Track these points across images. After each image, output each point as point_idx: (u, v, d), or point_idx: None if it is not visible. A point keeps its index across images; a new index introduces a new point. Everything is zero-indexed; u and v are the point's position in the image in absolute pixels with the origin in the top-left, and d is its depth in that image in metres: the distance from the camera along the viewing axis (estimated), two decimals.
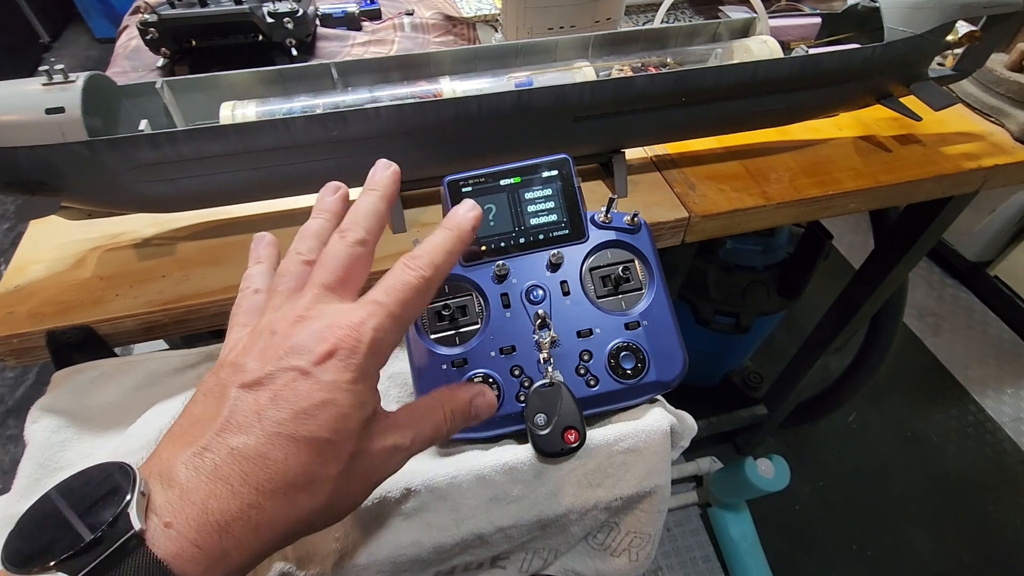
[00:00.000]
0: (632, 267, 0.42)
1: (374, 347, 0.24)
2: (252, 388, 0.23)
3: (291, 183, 0.46)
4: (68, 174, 0.40)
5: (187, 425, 0.23)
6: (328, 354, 0.23)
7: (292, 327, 0.24)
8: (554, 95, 0.44)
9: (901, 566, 1.22)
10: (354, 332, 0.24)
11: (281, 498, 0.22)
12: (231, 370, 0.24)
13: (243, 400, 0.23)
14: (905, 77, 0.55)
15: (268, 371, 0.23)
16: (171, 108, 0.46)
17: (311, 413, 0.23)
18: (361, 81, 0.49)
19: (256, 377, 0.23)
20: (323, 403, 0.23)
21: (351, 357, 0.24)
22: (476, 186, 0.41)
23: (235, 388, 0.23)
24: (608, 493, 0.39)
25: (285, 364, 0.23)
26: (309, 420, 0.22)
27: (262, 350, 0.24)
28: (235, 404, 0.23)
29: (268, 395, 0.23)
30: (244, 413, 0.22)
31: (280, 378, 0.23)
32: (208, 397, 0.24)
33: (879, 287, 0.89)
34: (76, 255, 0.48)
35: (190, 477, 0.21)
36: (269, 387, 0.23)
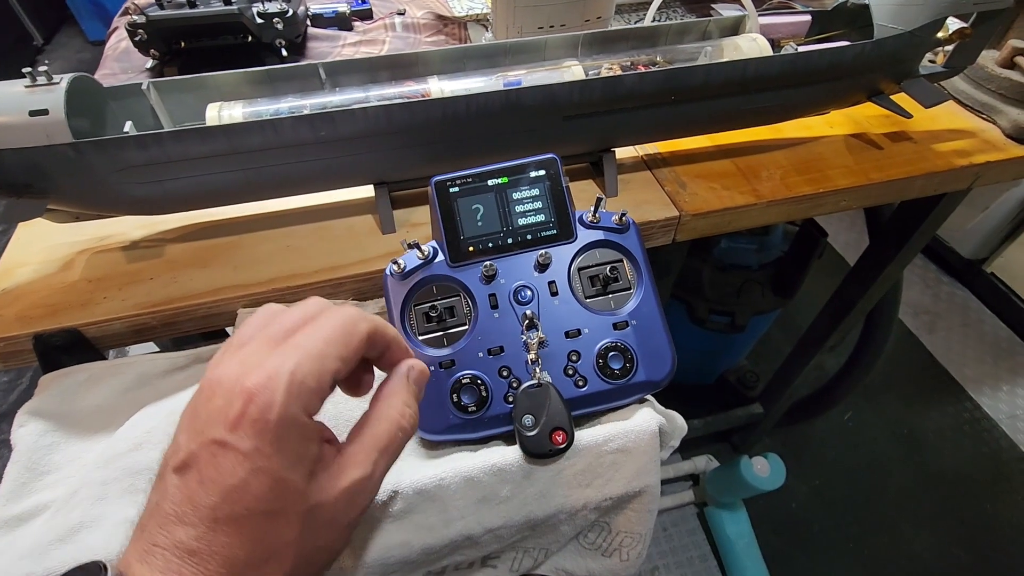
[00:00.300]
0: (620, 267, 0.42)
1: (292, 386, 0.22)
2: (182, 471, 0.22)
3: (280, 184, 0.46)
4: (54, 176, 0.40)
5: (145, 517, 0.22)
6: (236, 420, 0.21)
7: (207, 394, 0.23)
8: (542, 94, 0.44)
9: (898, 564, 1.22)
10: (265, 384, 0.22)
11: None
12: (171, 448, 0.23)
13: (176, 487, 0.22)
14: (896, 74, 0.54)
15: (191, 449, 0.22)
16: (158, 110, 0.46)
17: (241, 489, 0.21)
18: (350, 81, 0.49)
19: (183, 459, 0.22)
20: (252, 473, 0.21)
21: (266, 413, 0.21)
22: (463, 186, 0.41)
23: (170, 472, 0.22)
24: (597, 493, 0.39)
25: (205, 438, 0.22)
26: (242, 497, 0.21)
27: (190, 420, 0.23)
28: (172, 494, 0.22)
29: (196, 478, 0.21)
30: (179, 502, 0.21)
31: (202, 455, 0.21)
32: (158, 482, 0.23)
33: (874, 284, 0.89)
34: (64, 258, 0.48)
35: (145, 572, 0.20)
36: (195, 468, 0.21)
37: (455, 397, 0.38)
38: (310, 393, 0.23)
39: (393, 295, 0.40)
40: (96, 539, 0.34)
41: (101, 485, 0.37)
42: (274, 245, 0.49)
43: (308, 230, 0.51)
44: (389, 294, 0.41)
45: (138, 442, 0.39)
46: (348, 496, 0.24)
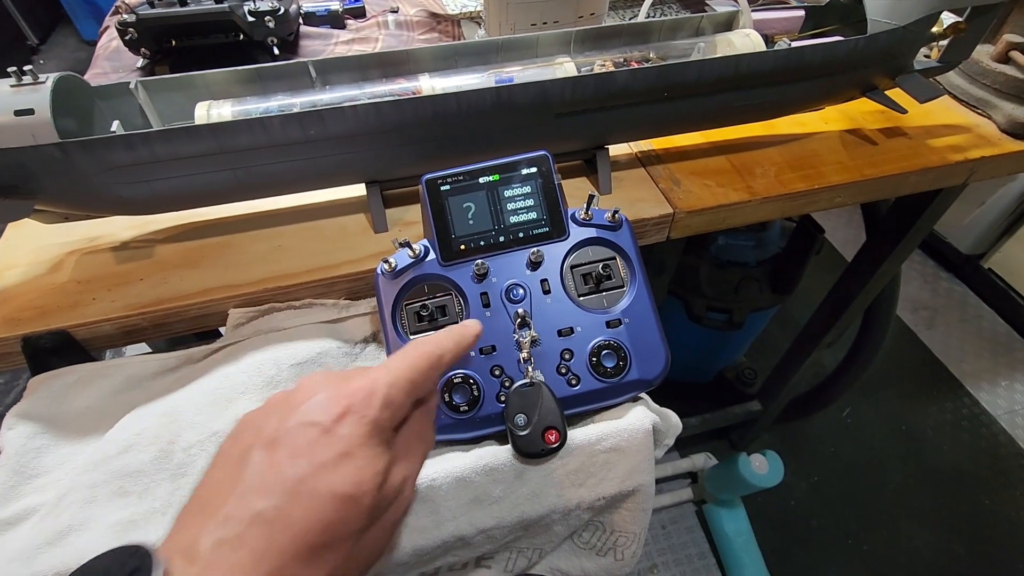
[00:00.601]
0: (613, 264, 0.41)
1: (388, 401, 0.25)
2: (271, 447, 0.23)
3: (270, 184, 0.45)
4: (40, 177, 0.39)
5: (207, 495, 0.23)
6: (343, 413, 0.24)
7: (308, 393, 0.25)
8: (534, 91, 0.44)
9: (896, 560, 1.22)
10: (367, 390, 0.25)
11: (305, 558, 0.22)
12: (250, 434, 0.25)
13: (262, 459, 0.23)
14: (890, 69, 0.54)
15: (287, 427, 0.24)
16: (146, 109, 0.45)
17: (331, 467, 0.23)
18: (340, 79, 0.49)
19: (275, 437, 0.23)
20: (341, 455, 0.23)
21: (364, 412, 0.24)
22: (455, 184, 0.41)
23: (255, 449, 0.23)
24: (591, 493, 0.39)
25: (304, 418, 0.24)
26: (329, 474, 0.22)
27: (280, 411, 0.25)
28: (255, 465, 0.23)
29: (287, 451, 0.23)
30: (263, 473, 0.22)
31: (298, 434, 0.23)
32: (228, 462, 0.24)
33: (871, 280, 0.89)
34: (53, 259, 0.48)
35: (212, 549, 0.21)
36: (288, 444, 0.23)
37: (447, 397, 0.38)
38: (397, 407, 0.26)
39: (384, 294, 0.40)
40: (85, 542, 0.34)
41: (90, 488, 0.37)
42: (265, 245, 0.49)
43: (299, 230, 0.50)
44: (380, 293, 0.40)
45: (128, 444, 0.39)
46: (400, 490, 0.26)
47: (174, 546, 0.22)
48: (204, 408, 0.40)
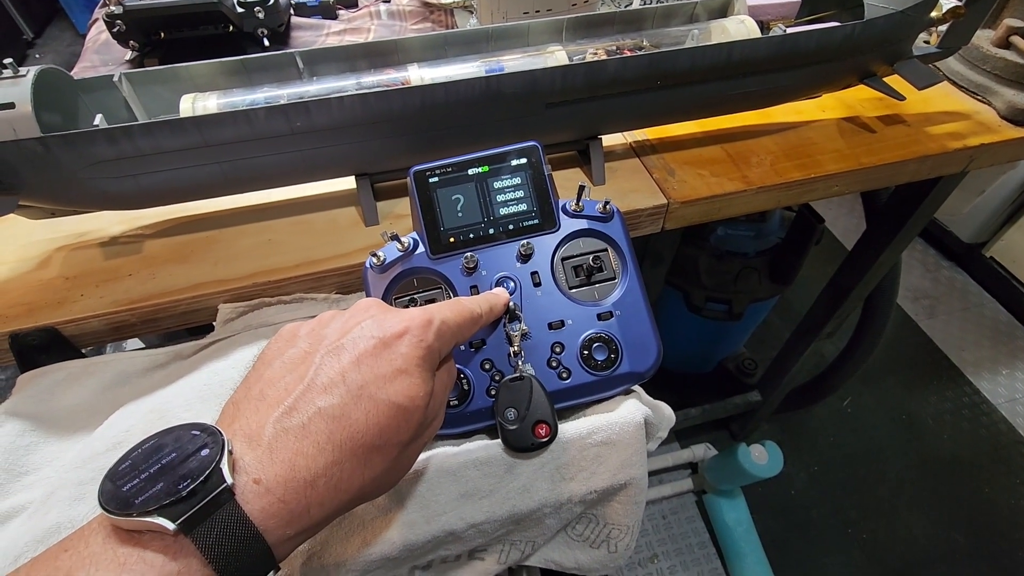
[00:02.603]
0: (605, 256, 0.41)
1: (440, 333, 0.27)
2: (335, 352, 0.25)
3: (257, 177, 0.45)
4: (23, 172, 0.39)
5: (265, 388, 0.24)
6: (402, 332, 0.26)
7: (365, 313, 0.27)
8: (524, 80, 0.43)
9: (895, 548, 1.22)
10: (424, 318, 0.27)
11: (360, 457, 0.24)
12: (309, 339, 0.26)
13: (327, 362, 0.25)
14: (888, 56, 0.53)
15: (351, 337, 0.25)
16: (131, 102, 0.45)
17: (390, 378, 0.25)
18: (328, 70, 0.48)
19: (339, 342, 0.25)
20: (400, 371, 0.25)
21: (422, 336, 0.26)
22: (443, 176, 0.40)
23: (319, 353, 0.25)
24: (582, 486, 0.38)
25: (366, 332, 0.26)
26: (388, 385, 0.24)
27: (341, 324, 0.27)
28: (320, 366, 0.24)
29: (351, 358, 0.25)
30: (328, 374, 0.24)
31: (361, 343, 0.25)
32: (288, 363, 0.25)
33: (871, 269, 0.88)
34: (40, 255, 0.47)
35: (277, 436, 0.22)
36: (351, 351, 0.25)
37: None
38: (445, 342, 0.28)
39: (373, 288, 0.40)
40: None
41: (78, 486, 0.36)
42: (254, 239, 0.49)
43: (289, 224, 0.50)
44: (369, 287, 0.40)
45: (116, 441, 0.38)
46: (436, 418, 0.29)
47: (236, 430, 0.23)
48: (193, 404, 0.40)
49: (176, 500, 0.20)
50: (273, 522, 0.21)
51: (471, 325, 0.31)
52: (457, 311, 0.30)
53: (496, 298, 0.36)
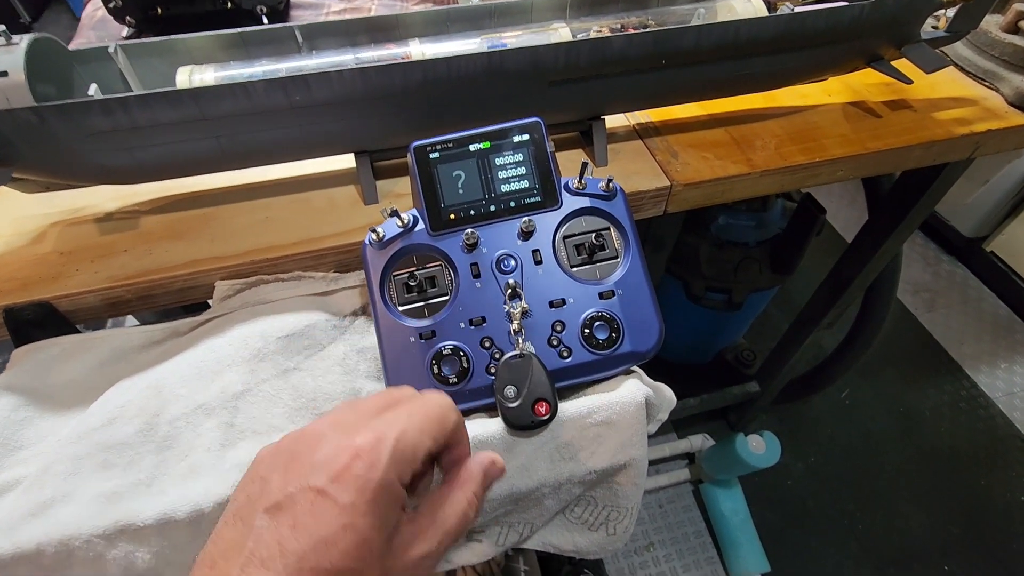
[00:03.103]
0: (607, 235, 0.40)
1: (396, 456, 0.24)
2: (274, 513, 0.23)
3: (254, 152, 0.44)
4: (17, 143, 0.38)
5: (216, 554, 0.23)
6: (345, 469, 0.23)
7: (314, 442, 0.24)
8: (527, 57, 0.42)
9: (891, 539, 1.23)
10: (375, 443, 0.24)
11: None
12: (258, 487, 0.24)
13: (266, 529, 0.22)
14: (896, 38, 0.52)
15: (289, 492, 0.23)
16: (127, 74, 0.44)
17: (331, 541, 0.22)
18: (327, 45, 0.47)
19: (277, 500, 0.23)
20: (343, 528, 0.22)
21: (370, 473, 0.23)
22: (444, 152, 0.40)
23: (260, 513, 0.23)
24: (581, 467, 0.38)
25: (305, 484, 0.23)
26: (330, 549, 0.22)
27: (287, 463, 0.24)
28: (259, 534, 0.22)
29: (289, 522, 0.22)
30: (267, 545, 0.22)
31: (300, 501, 0.23)
32: (236, 520, 0.24)
33: (873, 259, 0.88)
34: (35, 230, 0.47)
35: None
36: (290, 512, 0.23)
37: (435, 368, 0.37)
38: (407, 463, 0.24)
39: (372, 265, 0.39)
40: (69, 514, 0.34)
41: (74, 460, 0.36)
42: (252, 217, 0.48)
43: (287, 201, 0.49)
44: (368, 264, 0.39)
45: (112, 417, 0.38)
46: (413, 566, 0.25)
47: None
48: (190, 381, 0.40)
49: None
50: None
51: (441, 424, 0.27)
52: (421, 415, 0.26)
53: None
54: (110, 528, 0.33)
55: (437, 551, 0.26)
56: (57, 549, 0.32)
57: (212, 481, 0.35)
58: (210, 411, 0.38)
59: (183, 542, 0.33)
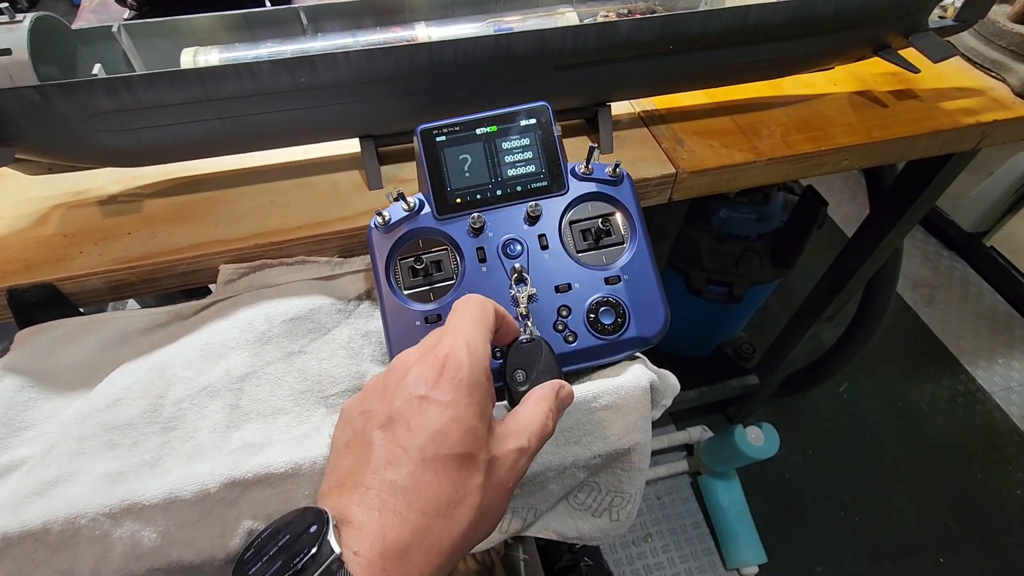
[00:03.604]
0: (613, 220, 0.40)
1: (473, 353, 0.27)
2: (388, 426, 0.26)
3: (259, 135, 0.44)
4: (19, 122, 0.38)
5: (342, 476, 0.26)
6: (439, 375, 0.26)
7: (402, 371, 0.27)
8: (533, 40, 0.42)
9: (887, 532, 1.24)
10: (454, 350, 0.27)
11: (444, 517, 0.24)
12: (363, 419, 0.27)
13: (385, 439, 0.25)
14: (904, 27, 0.52)
15: (396, 407, 0.26)
16: (130, 55, 0.44)
17: (444, 432, 0.25)
18: (333, 27, 0.47)
19: (388, 416, 0.26)
20: (451, 420, 0.25)
21: (459, 372, 0.26)
22: (450, 135, 0.40)
23: (375, 431, 0.26)
24: (586, 450, 0.38)
25: (409, 395, 0.26)
26: (445, 438, 0.25)
27: (382, 393, 0.27)
28: (380, 445, 0.25)
29: (404, 428, 0.25)
30: (390, 450, 0.25)
31: (408, 409, 0.26)
32: (352, 447, 0.27)
33: (873, 253, 0.88)
34: (38, 212, 0.47)
35: (362, 514, 0.24)
36: (402, 421, 0.25)
37: None
38: (483, 357, 0.28)
39: (378, 248, 0.39)
40: (74, 493, 0.34)
41: (79, 440, 0.36)
42: (256, 201, 0.48)
43: (291, 185, 0.49)
44: (374, 247, 0.39)
45: (117, 398, 0.38)
46: (513, 458, 0.27)
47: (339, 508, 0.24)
48: (194, 363, 0.40)
49: (292, 574, 0.21)
50: None
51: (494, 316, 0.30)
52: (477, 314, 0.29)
53: None
54: (116, 507, 0.33)
55: (528, 448, 0.28)
56: (63, 527, 0.32)
57: (217, 462, 0.35)
58: (215, 393, 0.38)
59: (189, 521, 0.33)
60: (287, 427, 0.38)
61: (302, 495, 0.35)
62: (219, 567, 0.34)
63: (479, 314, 0.29)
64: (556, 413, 0.31)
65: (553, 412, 0.30)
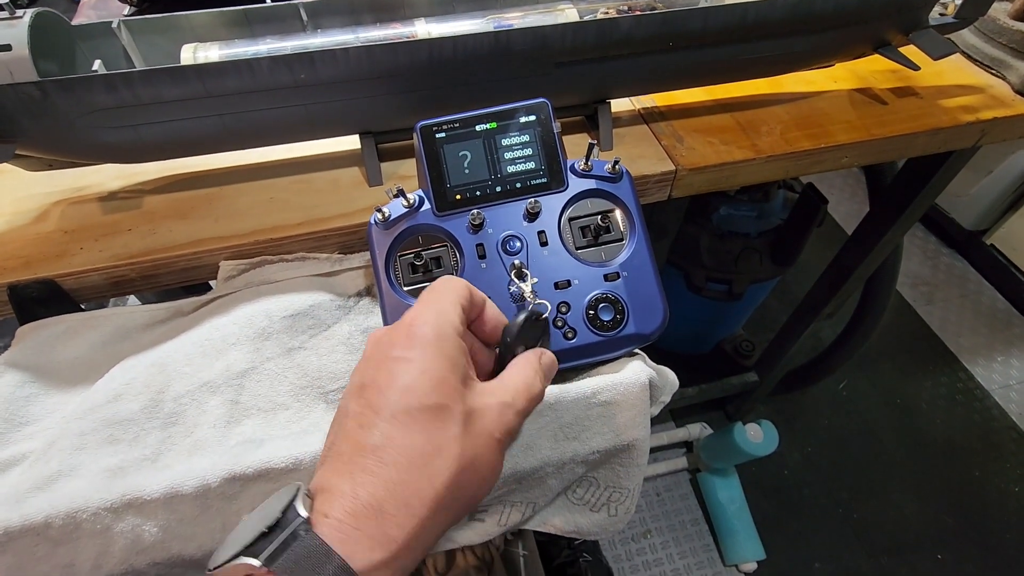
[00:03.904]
0: (612, 217, 0.40)
1: (442, 314, 0.27)
2: (361, 391, 0.26)
3: (259, 131, 0.44)
4: (19, 118, 0.38)
5: (324, 452, 0.26)
6: (406, 336, 0.27)
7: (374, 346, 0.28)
8: (533, 37, 0.42)
9: (885, 528, 1.24)
10: (420, 313, 0.27)
11: (419, 468, 0.24)
12: (346, 391, 0.28)
13: (357, 404, 0.26)
14: (904, 24, 0.52)
15: (370, 374, 0.26)
16: (130, 51, 0.44)
17: (412, 386, 0.25)
18: (332, 23, 0.47)
19: (360, 383, 0.27)
20: (420, 373, 0.25)
21: (424, 327, 0.26)
22: (450, 132, 0.40)
23: (350, 401, 0.26)
24: (584, 446, 0.38)
25: (380, 359, 0.27)
26: (414, 392, 0.25)
27: (362, 366, 0.28)
28: (354, 411, 0.26)
29: (374, 390, 0.26)
30: (362, 413, 0.25)
31: (379, 373, 0.26)
32: (333, 424, 0.27)
33: (873, 250, 0.88)
34: (38, 208, 0.47)
35: (334, 478, 0.24)
36: (372, 384, 0.26)
37: None
38: (452, 317, 0.28)
39: (377, 245, 0.39)
40: (75, 487, 0.34)
41: (79, 435, 0.36)
42: (256, 197, 0.48)
43: (291, 182, 0.49)
44: (373, 244, 0.39)
45: (117, 394, 0.38)
46: (497, 411, 0.27)
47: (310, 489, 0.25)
48: (194, 359, 0.40)
49: (258, 538, 0.22)
50: (355, 548, 0.22)
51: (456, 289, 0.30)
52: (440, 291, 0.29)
53: None
54: (117, 501, 0.33)
55: (513, 403, 0.28)
56: (64, 521, 0.32)
57: (218, 457, 0.35)
58: (215, 389, 0.38)
59: (190, 516, 0.33)
60: (287, 422, 0.38)
61: None
62: None
63: (449, 288, 0.30)
64: (542, 376, 0.30)
65: (539, 374, 0.30)
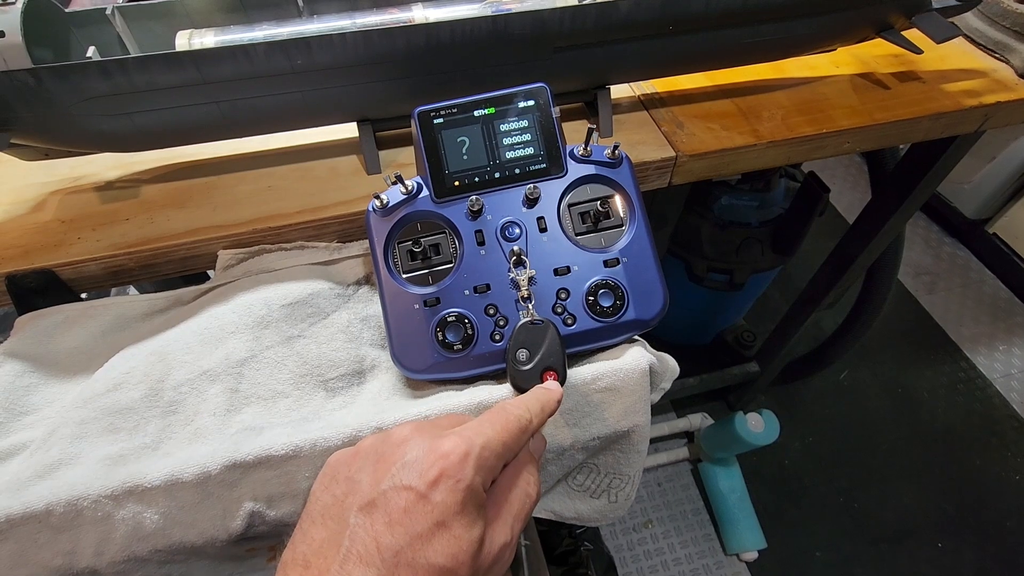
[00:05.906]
0: (612, 202, 0.40)
1: (482, 463, 0.25)
2: (368, 511, 0.23)
3: (256, 119, 0.44)
4: (14, 106, 0.38)
5: (309, 553, 0.24)
6: (437, 478, 0.24)
7: (401, 447, 0.25)
8: (531, 21, 0.42)
9: (886, 517, 1.24)
10: (460, 453, 0.24)
11: None
12: (346, 487, 0.25)
13: (361, 526, 0.23)
14: (907, 6, 0.52)
15: (382, 490, 0.24)
16: (125, 38, 0.43)
17: (427, 538, 0.23)
18: (329, 9, 0.47)
19: (371, 498, 0.24)
20: (437, 525, 0.23)
21: (459, 477, 0.24)
22: (448, 117, 0.39)
23: (354, 512, 0.24)
24: (585, 432, 0.38)
25: (398, 482, 0.24)
26: (425, 545, 0.23)
27: (374, 464, 0.25)
28: (354, 531, 0.23)
29: (383, 519, 0.23)
30: (363, 542, 0.23)
31: (393, 499, 0.23)
32: (327, 519, 0.24)
33: (875, 239, 0.87)
34: (36, 198, 0.46)
35: None
36: (383, 509, 0.23)
37: (440, 335, 0.37)
38: (489, 471, 0.25)
39: (376, 232, 0.39)
40: (75, 475, 0.34)
41: (80, 424, 0.36)
42: (254, 186, 0.48)
43: (289, 170, 0.49)
44: (372, 231, 0.39)
45: (117, 383, 0.38)
46: (498, 559, 0.25)
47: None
48: (194, 347, 0.40)
49: None
50: None
51: (520, 436, 0.27)
52: (501, 425, 0.27)
53: (549, 394, 0.31)
54: (118, 489, 0.33)
55: (513, 539, 0.26)
56: (65, 509, 0.32)
57: (218, 444, 0.35)
58: (215, 377, 0.38)
59: (190, 503, 0.33)
60: (287, 410, 0.38)
61: (302, 477, 0.35)
62: (220, 548, 0.35)
63: (515, 430, 0.27)
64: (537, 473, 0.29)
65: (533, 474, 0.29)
